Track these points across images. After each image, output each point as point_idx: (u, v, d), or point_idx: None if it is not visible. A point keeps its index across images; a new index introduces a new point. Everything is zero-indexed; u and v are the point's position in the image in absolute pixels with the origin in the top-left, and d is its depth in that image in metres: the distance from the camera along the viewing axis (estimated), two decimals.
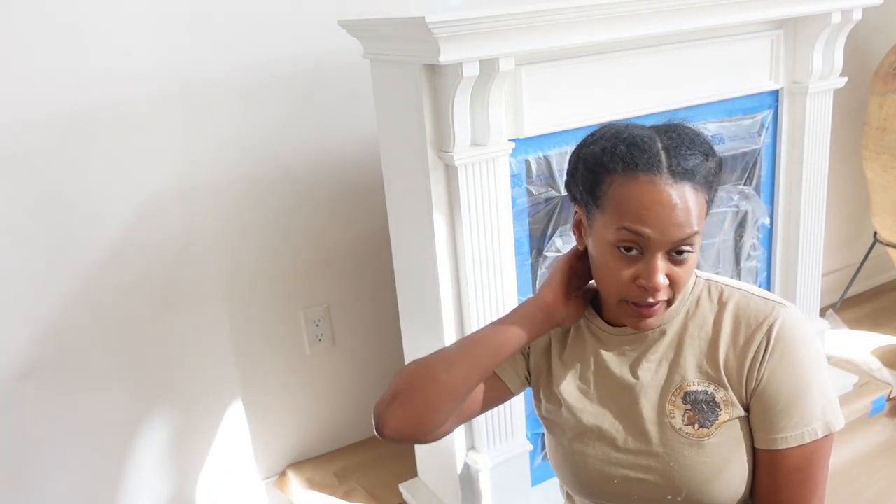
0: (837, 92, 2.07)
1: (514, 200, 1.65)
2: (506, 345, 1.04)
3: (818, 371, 0.98)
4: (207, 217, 1.90)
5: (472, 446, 1.77)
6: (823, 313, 2.71)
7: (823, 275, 2.29)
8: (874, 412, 2.25)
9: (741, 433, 1.00)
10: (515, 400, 1.62)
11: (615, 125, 1.00)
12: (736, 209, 2.04)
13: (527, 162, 1.65)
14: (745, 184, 2.03)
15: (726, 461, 0.99)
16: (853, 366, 2.42)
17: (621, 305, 0.98)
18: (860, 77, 2.59)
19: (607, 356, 1.06)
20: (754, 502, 1.02)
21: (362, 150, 2.04)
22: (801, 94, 2.01)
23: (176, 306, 1.91)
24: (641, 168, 0.92)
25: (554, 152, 1.68)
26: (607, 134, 0.97)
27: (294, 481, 2.11)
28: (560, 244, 1.75)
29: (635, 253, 0.94)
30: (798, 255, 2.14)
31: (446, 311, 1.65)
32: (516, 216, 1.67)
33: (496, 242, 1.62)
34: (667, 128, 0.97)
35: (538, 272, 1.75)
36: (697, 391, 1.00)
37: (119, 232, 1.81)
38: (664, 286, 0.94)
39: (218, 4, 1.80)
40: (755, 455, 1.00)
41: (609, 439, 1.04)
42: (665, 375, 1.02)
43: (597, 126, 1.02)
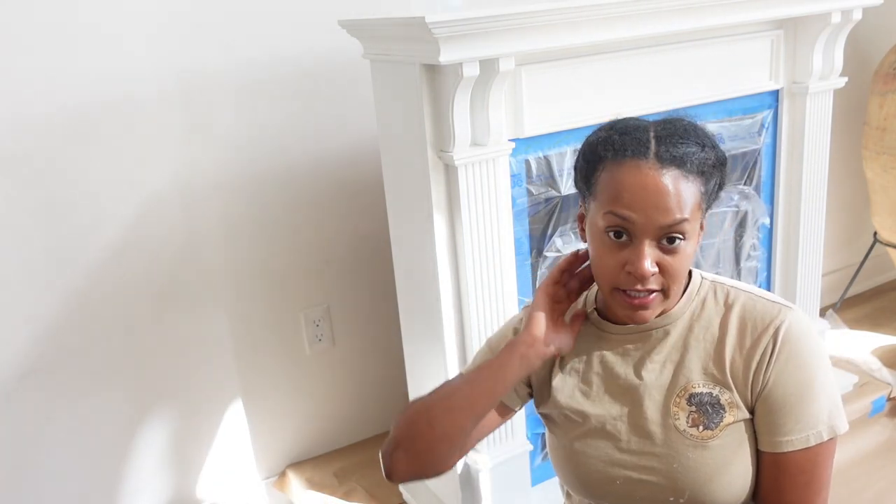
0: (837, 92, 2.07)
1: (514, 200, 1.65)
2: (501, 386, 1.03)
3: (824, 374, 0.98)
4: (207, 217, 1.90)
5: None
6: (823, 313, 2.71)
7: (823, 275, 2.29)
8: (874, 412, 2.25)
9: (745, 435, 0.99)
10: None
11: (619, 119, 1.01)
12: (736, 209, 2.04)
13: (527, 162, 1.65)
14: (745, 184, 2.03)
15: (730, 463, 0.98)
16: (853, 366, 2.42)
17: (614, 295, 0.98)
18: (860, 77, 2.59)
19: (610, 356, 1.05)
20: None
21: (362, 150, 2.04)
22: (801, 94, 2.01)
23: (176, 306, 1.91)
24: (629, 154, 0.94)
25: (554, 152, 1.68)
26: (607, 125, 1.00)
27: (294, 481, 2.11)
28: (560, 244, 1.75)
29: (625, 239, 0.95)
30: (798, 255, 2.14)
31: (446, 311, 1.65)
32: (516, 216, 1.67)
33: (496, 242, 1.62)
34: (665, 120, 0.99)
35: (538, 272, 1.75)
36: (702, 393, 0.99)
37: (119, 232, 1.81)
38: (652, 274, 0.94)
39: (218, 4, 1.80)
40: (759, 457, 1.00)
41: (612, 440, 1.03)
42: (670, 376, 1.02)
43: (596, 126, 1.03)
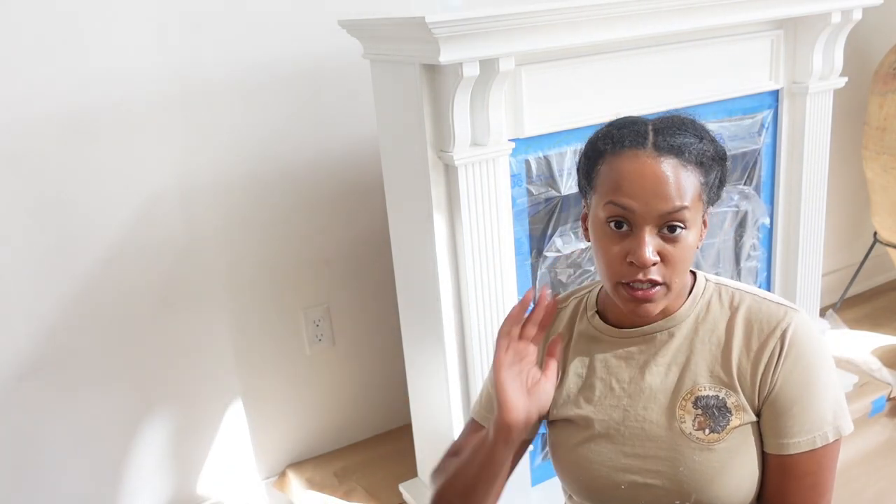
0: (837, 92, 2.07)
1: (514, 200, 1.65)
2: (498, 468, 1.01)
3: (829, 375, 0.98)
4: (207, 217, 1.90)
5: None
6: (823, 313, 2.71)
7: (823, 275, 2.29)
8: (874, 412, 2.25)
9: (751, 438, 0.99)
10: None
11: (618, 117, 1.03)
12: (736, 209, 2.04)
13: (527, 162, 1.65)
14: (745, 184, 2.03)
15: (736, 466, 0.98)
16: (853, 366, 2.42)
17: (618, 290, 0.97)
18: (860, 77, 2.59)
19: (614, 360, 1.05)
20: None
21: (362, 150, 2.04)
22: (801, 94, 2.01)
23: (176, 306, 1.91)
24: (627, 144, 0.96)
25: (554, 152, 1.68)
26: (606, 124, 1.02)
27: (294, 481, 2.11)
28: (560, 244, 1.75)
29: (625, 229, 0.95)
30: (798, 255, 2.14)
31: (446, 311, 1.65)
32: (516, 216, 1.67)
33: (496, 242, 1.62)
34: (664, 116, 1.01)
35: (538, 272, 1.75)
36: (709, 396, 0.99)
37: (119, 232, 1.81)
38: (653, 263, 0.94)
39: (218, 4, 1.80)
40: (765, 459, 0.99)
41: (616, 445, 1.02)
42: (675, 380, 1.01)
43: (596, 126, 1.04)
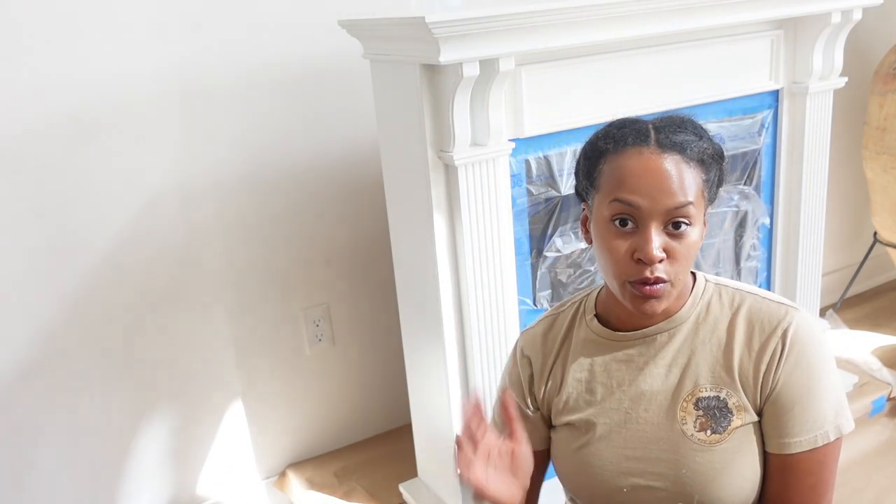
0: (837, 92, 2.07)
1: (514, 200, 1.65)
2: None
3: (831, 374, 0.98)
4: (207, 217, 1.90)
5: None
6: (823, 313, 2.71)
7: (823, 275, 2.29)
8: (874, 412, 2.25)
9: (753, 438, 0.99)
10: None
11: (616, 119, 1.03)
12: (736, 209, 2.04)
13: (527, 162, 1.65)
14: (745, 184, 2.03)
15: (738, 467, 0.98)
16: (853, 366, 2.42)
17: (625, 289, 0.97)
18: (860, 77, 2.59)
19: (614, 363, 1.04)
20: None
21: (362, 150, 2.04)
22: (801, 94, 2.01)
23: (176, 306, 1.91)
24: (630, 142, 0.96)
25: (554, 152, 1.68)
26: (605, 125, 1.02)
27: (294, 481, 2.11)
28: (560, 244, 1.75)
29: (631, 227, 0.95)
30: (798, 255, 2.14)
31: (446, 311, 1.65)
32: (516, 216, 1.67)
33: (496, 242, 1.62)
34: (663, 116, 1.01)
35: (538, 272, 1.75)
36: (710, 397, 0.99)
37: (119, 232, 1.81)
38: (660, 259, 0.94)
39: (218, 5, 1.80)
40: (766, 459, 0.99)
41: (618, 448, 1.02)
42: (676, 381, 1.01)
43: (596, 126, 1.05)
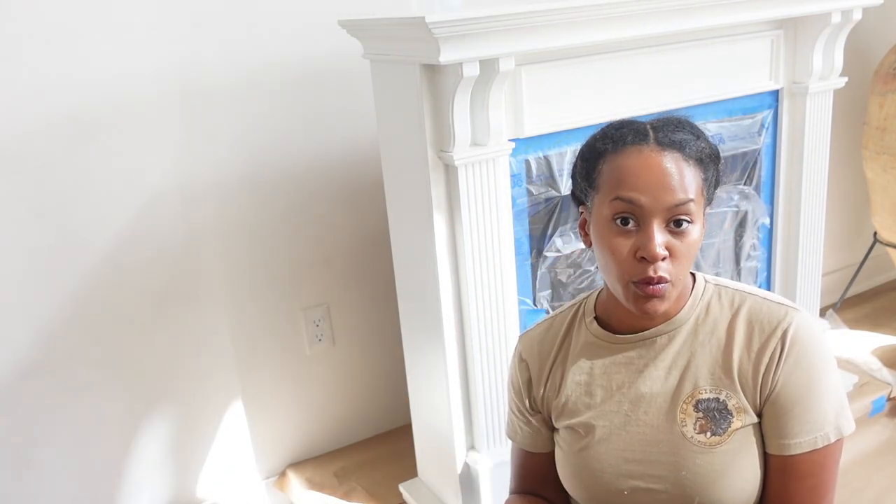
0: (837, 92, 2.07)
1: (514, 200, 1.65)
2: None
3: (831, 375, 0.98)
4: (207, 217, 1.90)
5: (472, 446, 1.77)
6: (823, 313, 2.71)
7: (823, 275, 2.29)
8: (874, 412, 2.25)
9: (753, 439, 0.98)
10: None
11: (612, 120, 1.04)
12: (736, 209, 2.03)
13: (527, 162, 1.65)
14: (745, 184, 2.03)
15: (738, 468, 0.97)
16: (853, 366, 2.42)
17: (628, 290, 0.96)
18: (860, 77, 2.59)
19: (614, 366, 1.04)
20: None
21: (362, 150, 2.04)
22: (801, 94, 2.01)
23: (176, 306, 1.91)
24: (629, 141, 0.97)
25: (554, 152, 1.68)
26: (600, 127, 1.03)
27: (294, 481, 2.11)
28: (560, 244, 1.75)
29: (632, 225, 0.95)
30: (798, 255, 2.14)
31: (446, 311, 1.65)
32: (516, 216, 1.67)
33: (496, 242, 1.62)
34: (659, 117, 1.02)
35: (538, 272, 1.75)
36: (709, 399, 0.98)
37: (119, 232, 1.81)
38: (663, 257, 0.93)
39: (218, 5, 1.80)
40: (766, 460, 0.99)
41: (618, 450, 1.02)
42: (675, 383, 1.00)
43: (596, 126, 1.05)
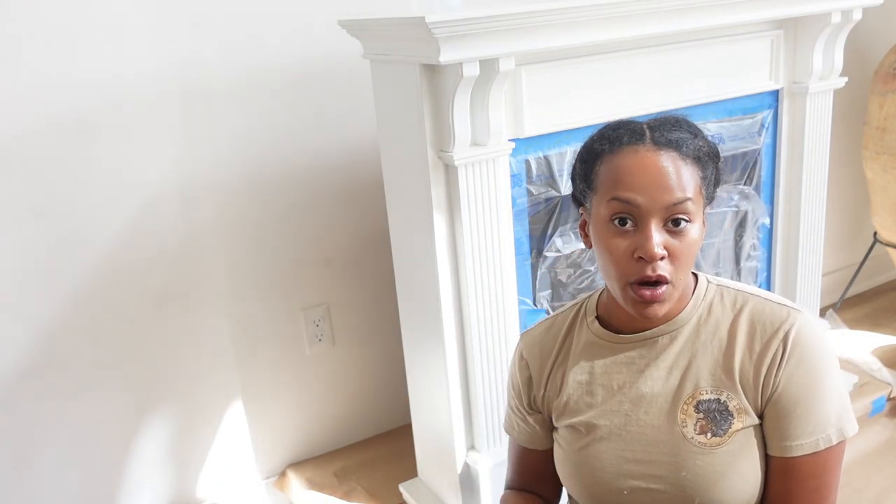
0: (837, 92, 2.07)
1: (514, 200, 1.65)
2: None
3: (833, 376, 0.97)
4: (207, 217, 1.90)
5: (472, 446, 1.77)
6: (823, 313, 2.71)
7: (823, 275, 2.29)
8: (874, 412, 2.25)
9: (754, 441, 0.98)
10: None
11: (610, 121, 1.04)
12: (736, 209, 2.03)
13: (527, 162, 1.65)
14: (745, 184, 2.03)
15: (738, 470, 0.97)
16: (853, 366, 2.42)
17: (626, 291, 0.96)
18: (860, 77, 2.59)
19: (614, 366, 1.04)
20: None
21: (362, 150, 2.04)
22: (801, 94, 2.01)
23: (176, 306, 1.91)
24: (626, 141, 0.97)
25: (554, 152, 1.68)
26: (598, 128, 1.03)
27: (294, 481, 2.11)
28: (560, 244, 1.75)
29: (630, 225, 0.95)
30: (798, 255, 2.14)
31: (446, 311, 1.65)
32: (516, 216, 1.67)
33: (496, 242, 1.62)
34: (657, 117, 1.02)
35: (538, 272, 1.75)
36: (710, 400, 0.98)
37: (119, 232, 1.81)
38: (661, 257, 0.93)
39: (218, 5, 1.80)
40: (768, 462, 0.98)
41: (618, 450, 1.02)
42: (676, 383, 1.00)
43: (596, 126, 1.05)
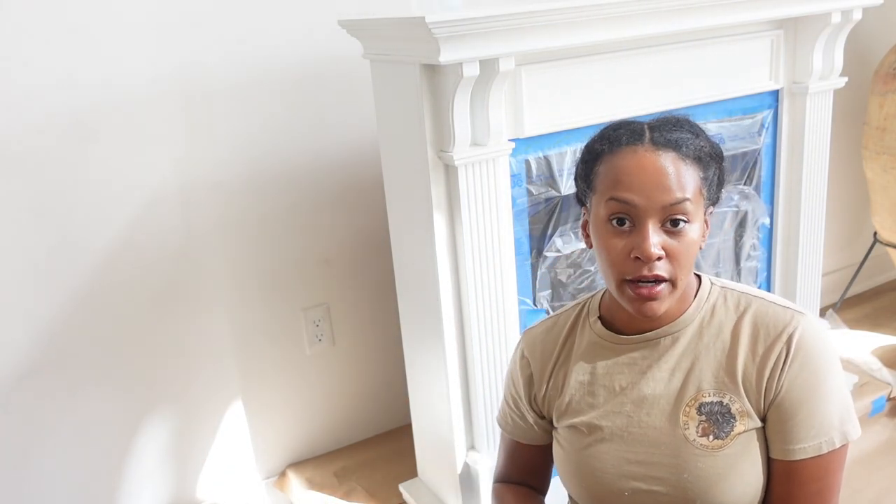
0: (837, 92, 2.07)
1: (514, 200, 1.65)
2: None
3: (836, 380, 0.97)
4: (207, 217, 1.90)
5: (472, 446, 1.77)
6: (823, 313, 2.71)
7: (823, 275, 2.29)
8: (874, 412, 2.25)
9: (756, 444, 0.98)
10: None
11: (612, 121, 1.04)
12: (736, 209, 2.04)
13: (527, 162, 1.65)
14: (745, 184, 2.03)
15: (740, 472, 0.97)
16: (853, 366, 2.42)
17: (623, 289, 0.96)
18: (860, 77, 2.60)
19: (617, 367, 1.04)
20: None
21: (362, 150, 2.04)
22: (801, 94, 2.01)
23: (176, 306, 1.91)
24: (625, 142, 0.97)
25: (554, 152, 1.68)
26: (600, 128, 1.03)
27: (294, 481, 2.11)
28: (560, 244, 1.75)
29: (628, 226, 0.95)
30: (798, 255, 2.14)
31: (446, 311, 1.65)
32: (516, 216, 1.67)
33: (496, 242, 1.62)
34: (659, 117, 1.01)
35: (538, 272, 1.75)
36: (713, 402, 0.98)
37: (119, 232, 1.81)
38: (658, 257, 0.93)
39: (218, 4, 1.80)
40: (770, 465, 0.98)
41: (620, 451, 1.01)
42: (679, 385, 1.00)
43: (596, 126, 1.05)
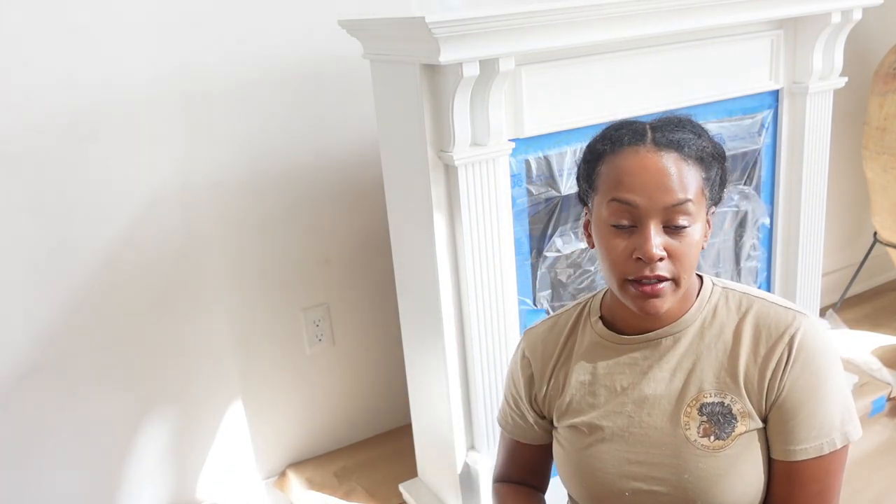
0: (837, 92, 2.07)
1: (514, 200, 1.65)
2: None
3: (837, 381, 0.97)
4: (207, 217, 1.90)
5: (472, 446, 1.77)
6: (823, 313, 2.71)
7: (823, 275, 2.29)
8: (874, 412, 2.25)
9: (757, 444, 0.98)
10: None
11: (614, 121, 1.04)
12: (736, 209, 2.04)
13: (527, 162, 1.65)
14: (745, 184, 2.03)
15: (741, 473, 0.97)
16: (853, 366, 2.42)
17: (625, 288, 0.96)
18: (860, 77, 2.60)
19: (618, 367, 1.04)
20: None
21: (362, 150, 2.04)
22: (801, 94, 2.01)
23: (176, 306, 1.91)
24: (626, 142, 0.97)
25: (554, 152, 1.68)
26: (602, 128, 1.03)
27: (294, 481, 2.11)
28: (560, 244, 1.75)
29: (630, 226, 0.95)
30: (798, 255, 2.14)
31: (446, 311, 1.65)
32: (516, 216, 1.67)
33: (496, 242, 1.62)
34: (661, 117, 1.01)
35: (538, 272, 1.75)
36: (714, 402, 0.98)
37: (119, 232, 1.81)
38: (660, 258, 0.93)
39: (218, 4, 1.80)
40: (771, 465, 0.98)
41: (621, 451, 1.01)
42: (680, 386, 1.00)
43: (596, 126, 1.05)
